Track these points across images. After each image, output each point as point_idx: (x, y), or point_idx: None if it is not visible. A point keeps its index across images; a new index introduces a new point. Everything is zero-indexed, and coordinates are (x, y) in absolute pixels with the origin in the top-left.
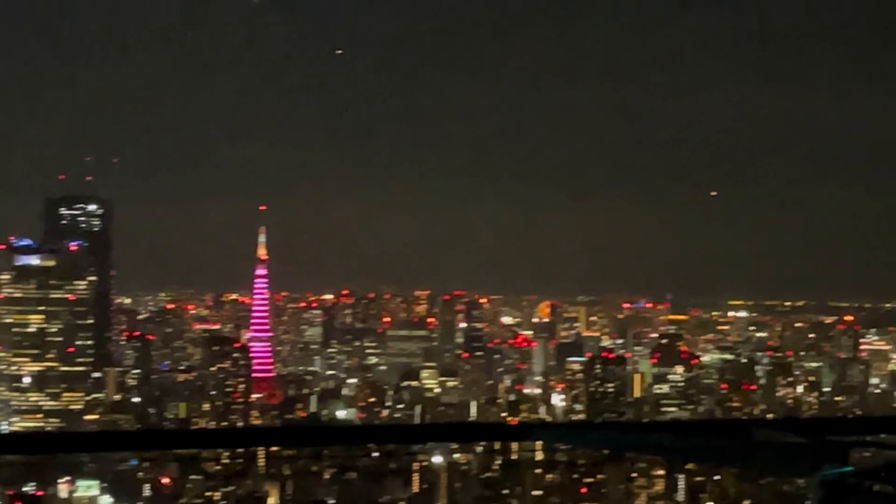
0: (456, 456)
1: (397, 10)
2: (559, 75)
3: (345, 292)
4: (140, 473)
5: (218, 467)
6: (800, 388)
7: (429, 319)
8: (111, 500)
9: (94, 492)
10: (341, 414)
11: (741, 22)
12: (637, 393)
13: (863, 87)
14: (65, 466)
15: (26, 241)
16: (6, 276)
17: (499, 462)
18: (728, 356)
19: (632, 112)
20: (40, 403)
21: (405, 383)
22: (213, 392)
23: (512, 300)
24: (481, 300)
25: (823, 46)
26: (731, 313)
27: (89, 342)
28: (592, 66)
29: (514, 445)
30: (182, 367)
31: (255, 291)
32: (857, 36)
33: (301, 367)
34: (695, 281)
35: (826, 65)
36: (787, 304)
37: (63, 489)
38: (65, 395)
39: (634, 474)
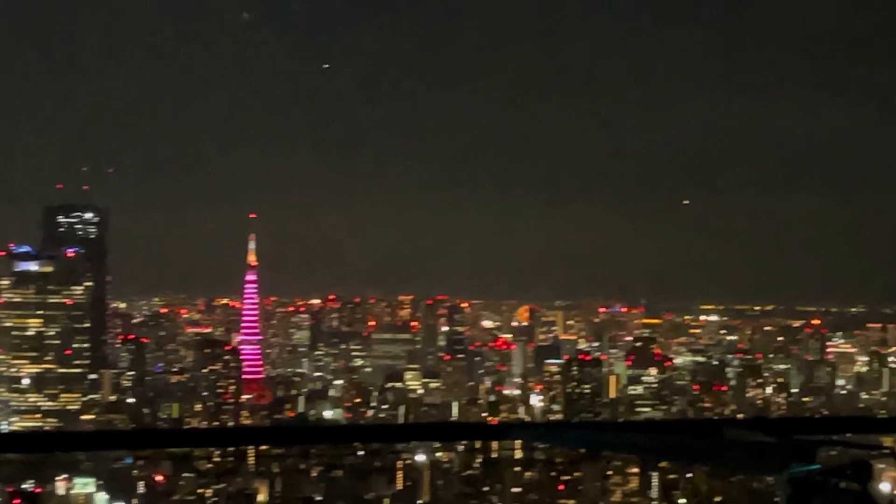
0: (438, 454)
1: (382, 26)
2: (537, 89)
3: (331, 297)
4: (135, 471)
5: (210, 465)
6: (769, 390)
7: (412, 323)
8: (107, 496)
9: (91, 489)
10: (328, 414)
11: (712, 38)
12: (612, 394)
13: (829, 100)
14: (62, 465)
15: (25, 248)
16: (6, 282)
17: (479, 460)
18: (700, 358)
19: (607, 124)
20: (39, 404)
21: (389, 385)
22: (205, 393)
23: (492, 305)
24: (462, 305)
25: (791, 61)
26: (702, 317)
27: (86, 345)
28: (569, 81)
29: (495, 444)
30: (175, 369)
31: (246, 296)
32: (822, 51)
33: (289, 369)
34: (668, 286)
35: (793, 79)
36: (757, 308)
37: (61, 486)
38: (62, 395)
39: (610, 472)
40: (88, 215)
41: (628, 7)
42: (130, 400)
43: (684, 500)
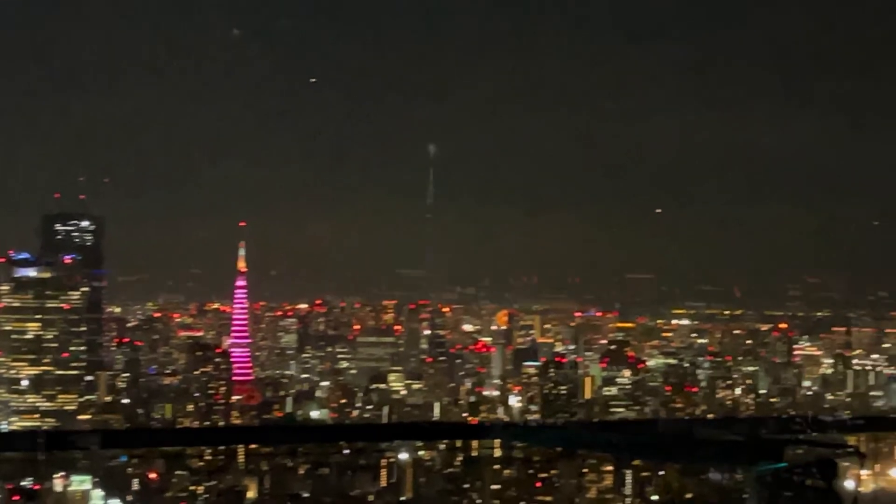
0: (421, 453)
1: (366, 42)
2: (515, 102)
3: (318, 302)
4: (129, 469)
5: (201, 463)
6: (738, 391)
7: (395, 327)
8: (102, 493)
9: (87, 486)
10: (315, 414)
11: (684, 53)
12: (588, 395)
13: (795, 113)
14: (60, 463)
15: (24, 255)
16: (5, 287)
17: (460, 459)
18: (672, 361)
19: (582, 136)
20: (37, 404)
21: (374, 386)
22: (197, 394)
23: (472, 309)
24: (444, 309)
25: (760, 75)
26: (674, 321)
27: (82, 348)
28: (546, 94)
29: (475, 443)
30: (168, 371)
31: (236, 301)
32: (790, 65)
33: (278, 371)
34: (641, 291)
35: (762, 92)
36: (727, 312)
37: (58, 484)
38: (60, 396)
39: (585, 470)
40: (85, 223)
41: (603, 23)
42: (125, 401)
43: (657, 497)
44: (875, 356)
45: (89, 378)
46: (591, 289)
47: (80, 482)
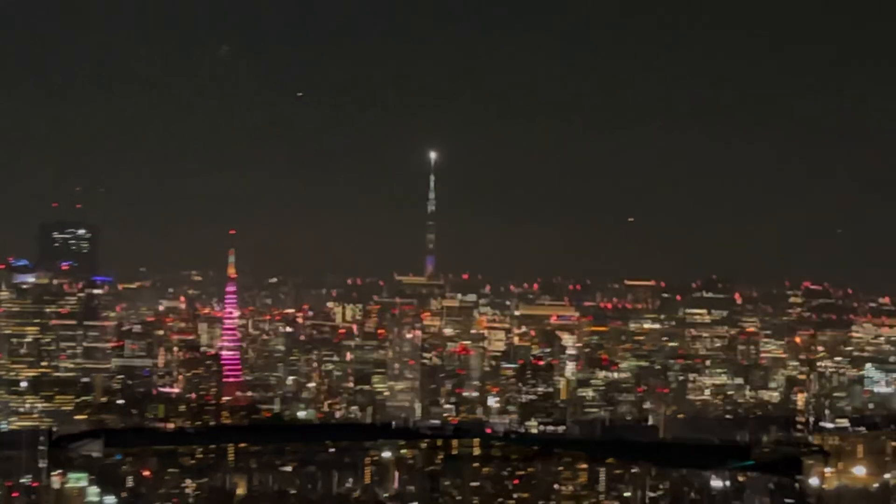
0: (403, 451)
1: (351, 58)
2: (499, 111)
3: (305, 306)
4: (124, 467)
5: (193, 462)
6: (707, 392)
7: (380, 331)
8: (98, 490)
9: (83, 483)
10: (302, 414)
11: (665, 65)
12: (563, 396)
13: (766, 128)
14: (58, 460)
15: (23, 262)
16: (5, 293)
17: (441, 457)
18: (643, 363)
19: (562, 145)
20: (36, 405)
21: (359, 387)
22: (189, 395)
23: (452, 313)
24: (425, 314)
25: (731, 93)
26: (646, 325)
27: (79, 351)
28: (529, 104)
29: (455, 442)
30: (161, 374)
31: (226, 306)
32: (758, 84)
33: (266, 373)
34: (615, 296)
35: (737, 108)
36: (697, 316)
37: (56, 481)
38: (57, 397)
39: (561, 468)
40: (81, 231)
41: (585, 36)
42: (120, 401)
43: (629, 493)
44: (839, 359)
45: (85, 380)
46: (591, 295)
47: (77, 479)
